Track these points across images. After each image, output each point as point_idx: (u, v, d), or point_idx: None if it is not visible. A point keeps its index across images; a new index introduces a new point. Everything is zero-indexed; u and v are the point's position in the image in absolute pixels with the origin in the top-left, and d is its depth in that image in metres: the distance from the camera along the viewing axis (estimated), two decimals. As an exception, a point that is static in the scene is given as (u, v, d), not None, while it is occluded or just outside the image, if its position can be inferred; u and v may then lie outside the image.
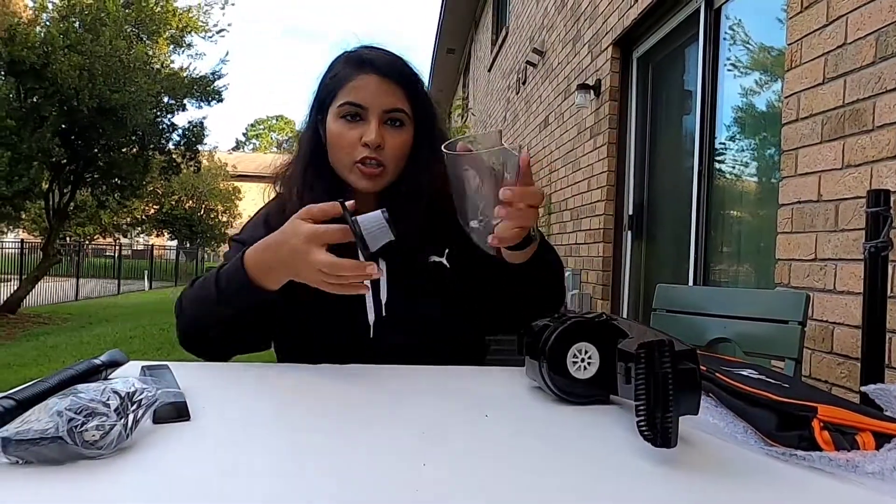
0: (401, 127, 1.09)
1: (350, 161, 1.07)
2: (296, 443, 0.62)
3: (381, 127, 1.06)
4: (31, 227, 18.96)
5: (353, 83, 1.07)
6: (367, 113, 1.06)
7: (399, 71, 1.10)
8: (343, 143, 1.07)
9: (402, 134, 1.08)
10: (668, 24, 3.77)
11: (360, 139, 1.05)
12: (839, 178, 2.01)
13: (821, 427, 0.59)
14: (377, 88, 1.07)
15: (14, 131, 8.06)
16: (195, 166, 12.47)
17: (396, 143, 1.07)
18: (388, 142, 1.06)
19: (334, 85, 1.09)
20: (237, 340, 1.05)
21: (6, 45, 8.48)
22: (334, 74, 1.11)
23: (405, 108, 1.09)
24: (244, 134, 60.17)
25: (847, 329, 1.93)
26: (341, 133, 1.07)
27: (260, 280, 0.94)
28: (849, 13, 2.00)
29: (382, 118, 1.07)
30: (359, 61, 1.09)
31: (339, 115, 1.07)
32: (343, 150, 1.07)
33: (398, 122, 1.08)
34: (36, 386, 0.62)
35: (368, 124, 1.05)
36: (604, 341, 0.77)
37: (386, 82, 1.07)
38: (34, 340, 7.26)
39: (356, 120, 1.07)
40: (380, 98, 1.06)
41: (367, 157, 1.05)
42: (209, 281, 1.00)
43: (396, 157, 1.08)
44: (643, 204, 4.22)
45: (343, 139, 1.06)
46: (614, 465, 0.59)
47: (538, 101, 6.39)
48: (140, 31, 11.02)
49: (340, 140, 1.07)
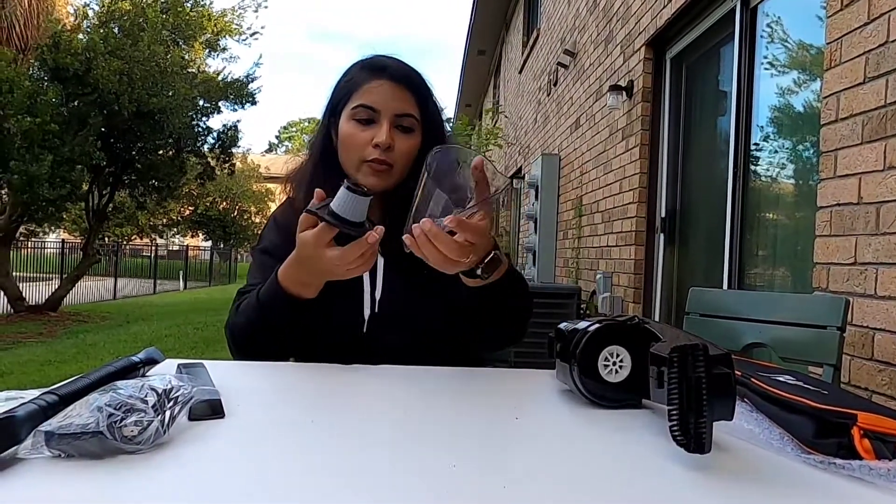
0: (410, 132, 1.12)
1: (359, 160, 1.10)
2: (326, 442, 0.63)
3: (392, 130, 1.10)
4: (71, 227, 19.48)
5: (368, 87, 1.11)
6: (379, 116, 1.10)
7: (412, 79, 1.15)
8: (354, 143, 1.10)
9: (411, 139, 1.12)
10: (702, 23, 3.71)
11: (370, 140, 1.09)
12: (881, 180, 1.95)
13: (861, 435, 0.58)
14: (390, 93, 1.11)
15: (57, 135, 8.30)
16: (230, 169, 12.66)
17: (405, 146, 1.11)
18: (398, 145, 1.10)
19: (349, 88, 1.14)
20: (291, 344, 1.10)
21: (51, 52, 8.74)
22: (350, 79, 1.16)
23: (415, 115, 1.13)
24: (277, 136, 60.96)
25: (889, 335, 1.88)
26: (353, 133, 1.11)
27: (299, 292, 1.00)
28: (891, 11, 1.94)
29: (393, 122, 1.10)
30: (374, 67, 1.14)
31: (351, 117, 1.11)
32: (354, 150, 1.11)
33: (408, 128, 1.12)
34: (77, 382, 0.64)
35: (380, 127, 1.09)
36: (636, 345, 0.76)
37: (399, 88, 1.12)
38: (74, 338, 7.46)
39: (368, 123, 1.10)
40: (392, 102, 1.10)
41: (377, 158, 1.08)
42: (251, 306, 1.06)
43: (404, 160, 1.11)
44: (676, 206, 4.16)
45: (354, 139, 1.10)
46: (646, 470, 0.58)
47: (569, 102, 6.35)
48: (177, 36, 11.26)
49: (352, 140, 1.11)
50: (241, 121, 12.92)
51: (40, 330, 8.31)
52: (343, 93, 1.15)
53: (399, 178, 1.12)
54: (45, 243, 14.70)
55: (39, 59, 8.95)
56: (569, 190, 6.22)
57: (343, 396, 0.82)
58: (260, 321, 1.04)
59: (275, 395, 0.82)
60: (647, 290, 4.33)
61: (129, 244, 21.76)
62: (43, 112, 8.10)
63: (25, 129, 7.81)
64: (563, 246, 6.40)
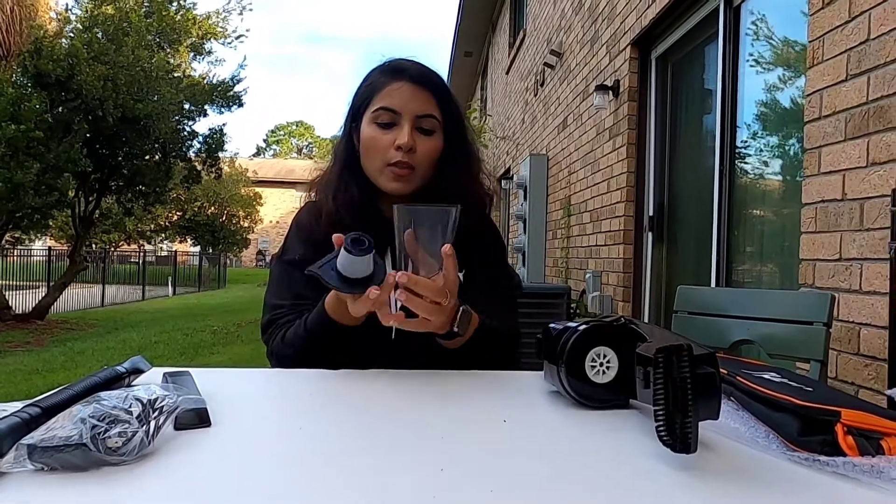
0: (432, 134, 1.12)
1: (382, 164, 1.10)
2: (315, 449, 0.63)
3: (413, 132, 1.10)
4: (58, 234, 19.33)
5: (387, 90, 1.11)
6: (400, 118, 1.10)
7: (431, 80, 1.14)
8: (376, 147, 1.10)
9: (432, 140, 1.12)
10: (686, 23, 3.73)
11: (392, 143, 1.09)
12: (864, 177, 1.97)
13: (844, 432, 0.58)
14: (410, 95, 1.11)
15: (42, 142, 8.23)
16: (216, 173, 12.59)
17: (427, 148, 1.11)
18: (419, 146, 1.10)
19: (369, 92, 1.14)
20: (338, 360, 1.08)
21: (33, 59, 8.66)
22: (369, 83, 1.15)
23: (436, 115, 1.12)
24: (265, 140, 60.78)
25: (874, 330, 1.89)
26: (375, 137, 1.11)
27: (348, 322, 0.99)
28: (871, 9, 1.96)
29: (415, 123, 1.10)
30: (393, 70, 1.14)
31: (373, 121, 1.11)
32: (376, 154, 1.11)
33: (429, 129, 1.12)
34: (61, 393, 0.63)
35: (401, 129, 1.09)
36: (623, 345, 0.77)
37: (419, 89, 1.12)
38: (62, 346, 7.39)
39: (389, 125, 1.10)
40: (412, 104, 1.10)
41: (399, 161, 1.08)
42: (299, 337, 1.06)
43: (426, 161, 1.11)
44: (664, 204, 4.18)
45: (376, 142, 1.10)
46: (633, 471, 0.58)
47: (556, 102, 6.37)
48: (161, 40, 11.18)
49: (374, 143, 1.11)
50: (227, 124, 12.87)
51: (27, 339, 8.23)
52: (363, 97, 1.15)
53: (422, 181, 1.13)
54: (32, 251, 14.56)
55: (21, 65, 8.87)
56: (557, 190, 6.23)
57: (330, 402, 0.82)
58: (310, 351, 1.04)
59: (262, 403, 0.82)
60: (637, 289, 4.35)
61: (116, 250, 21.61)
62: (27, 119, 8.03)
63: (10, 137, 7.74)
64: (553, 246, 6.41)
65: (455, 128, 1.16)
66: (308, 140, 60.63)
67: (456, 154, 1.16)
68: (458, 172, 1.16)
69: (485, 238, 1.26)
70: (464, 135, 1.19)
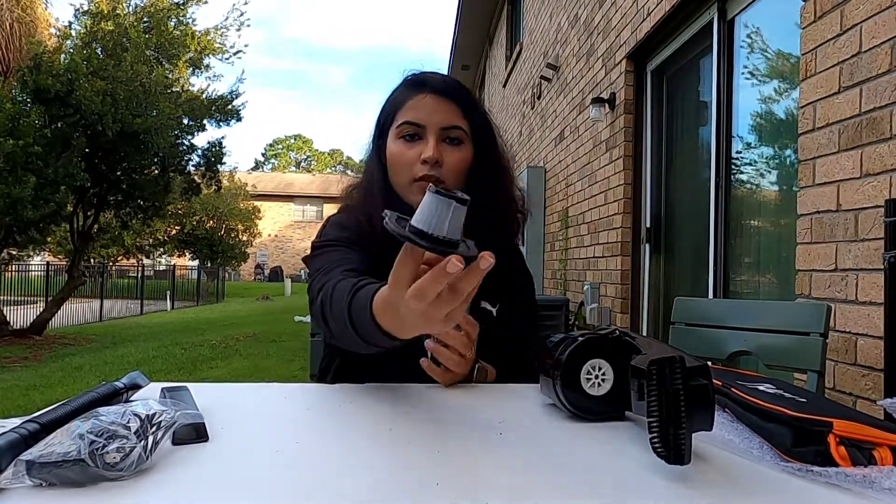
0: (459, 144, 1.09)
1: (409, 179, 1.08)
2: (311, 463, 0.63)
3: (440, 144, 1.07)
4: (56, 249, 19.30)
5: (411, 103, 1.10)
6: (425, 131, 1.08)
7: (455, 90, 1.12)
8: (402, 162, 1.08)
9: (460, 151, 1.09)
10: (681, 36, 3.77)
11: (418, 157, 1.06)
12: (858, 188, 1.99)
13: (837, 442, 0.59)
14: (434, 106, 1.08)
15: (41, 157, 8.24)
16: (215, 186, 12.61)
17: (455, 159, 1.08)
18: (447, 158, 1.07)
19: (393, 108, 1.12)
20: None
21: (32, 74, 8.69)
22: (393, 99, 1.14)
23: (463, 126, 1.10)
24: (263, 154, 60.91)
25: (871, 340, 1.90)
26: (400, 152, 1.09)
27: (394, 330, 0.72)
28: (863, 21, 1.99)
29: (440, 136, 1.08)
30: (416, 83, 1.12)
31: (398, 136, 1.10)
32: (402, 169, 1.08)
33: (456, 140, 1.09)
34: (59, 409, 0.64)
35: (426, 142, 1.07)
36: (618, 357, 0.77)
37: (443, 100, 1.09)
38: (60, 361, 7.36)
39: (415, 139, 1.08)
40: (437, 115, 1.08)
41: (427, 175, 1.06)
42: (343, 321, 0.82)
43: (455, 173, 1.08)
44: (661, 216, 4.19)
45: (402, 158, 1.08)
46: (628, 482, 0.58)
47: (553, 115, 6.40)
48: (160, 55, 11.23)
49: (400, 159, 1.08)
50: (226, 137, 12.89)
51: (25, 354, 8.19)
52: (388, 113, 1.13)
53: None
54: (30, 266, 14.54)
55: (21, 80, 8.90)
56: (555, 202, 6.25)
57: (327, 416, 0.82)
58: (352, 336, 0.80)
59: (259, 417, 0.82)
60: (635, 300, 4.36)
61: (115, 265, 21.58)
62: (26, 134, 8.05)
63: (8, 152, 7.75)
64: (551, 258, 6.42)
65: (484, 138, 1.13)
66: (306, 153, 60.78)
67: (486, 166, 1.12)
68: (490, 187, 1.12)
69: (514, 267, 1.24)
70: (494, 145, 1.16)
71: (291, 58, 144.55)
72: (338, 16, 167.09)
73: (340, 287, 0.86)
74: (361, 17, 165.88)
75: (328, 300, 0.89)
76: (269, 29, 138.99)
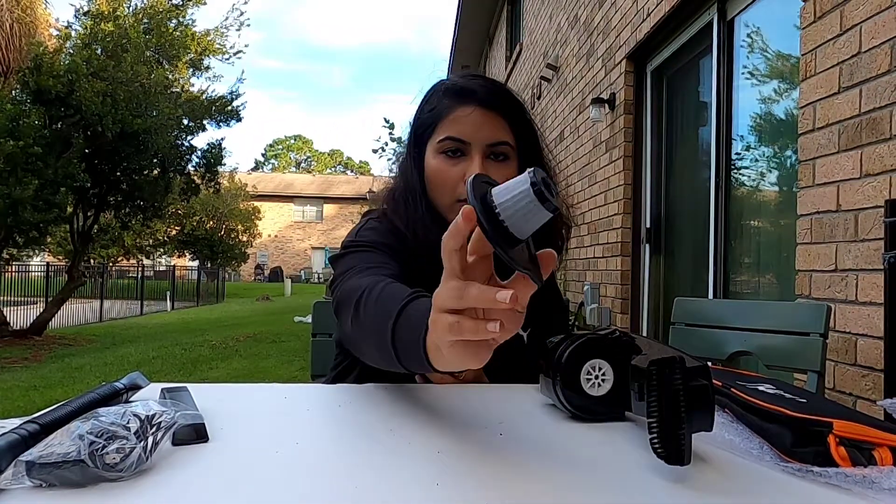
0: (505, 161, 1.02)
1: (451, 199, 1.01)
2: (310, 464, 0.63)
3: (485, 162, 0.99)
4: (56, 250, 19.30)
5: (454, 116, 1.01)
6: (470, 148, 1.00)
7: (503, 101, 1.03)
8: (445, 181, 1.01)
9: (506, 168, 1.01)
10: (681, 36, 3.77)
11: (462, 176, 0.99)
12: (858, 188, 1.99)
13: (837, 443, 0.59)
14: (480, 121, 1.00)
15: (41, 158, 8.24)
16: (215, 187, 12.62)
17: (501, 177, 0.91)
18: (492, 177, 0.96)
19: (433, 118, 1.04)
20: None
21: (32, 75, 8.70)
22: (433, 107, 1.05)
23: (510, 141, 1.02)
24: (263, 154, 60.96)
25: (871, 340, 1.90)
26: (443, 170, 1.01)
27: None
28: (862, 22, 1.99)
29: (486, 153, 1.00)
30: (459, 92, 1.03)
31: (439, 151, 1.02)
32: (445, 188, 1.01)
33: (502, 156, 1.01)
34: (59, 410, 0.63)
35: (471, 160, 0.99)
36: (618, 358, 0.77)
37: (489, 114, 1.01)
38: (60, 362, 7.36)
39: (457, 155, 1.01)
40: (483, 131, 1.00)
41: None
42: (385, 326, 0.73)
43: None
44: (661, 217, 4.20)
45: (445, 176, 1.01)
46: (628, 483, 0.58)
47: (553, 115, 6.40)
48: (160, 56, 11.24)
49: (442, 177, 1.01)
50: (226, 138, 12.88)
51: (25, 355, 8.19)
52: (427, 124, 1.04)
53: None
54: (30, 267, 14.54)
55: (21, 81, 8.91)
56: (555, 202, 6.25)
57: (327, 416, 0.82)
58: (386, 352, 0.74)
59: (259, 418, 0.82)
60: (635, 301, 4.36)
61: (114, 265, 21.58)
62: (26, 135, 8.05)
63: (8, 153, 7.76)
64: (551, 258, 6.42)
65: (531, 151, 1.05)
66: (306, 154, 60.82)
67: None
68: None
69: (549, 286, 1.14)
70: (540, 157, 1.08)
71: (291, 58, 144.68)
72: (338, 16, 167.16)
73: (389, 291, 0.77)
74: (361, 17, 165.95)
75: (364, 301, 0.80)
76: (269, 29, 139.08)
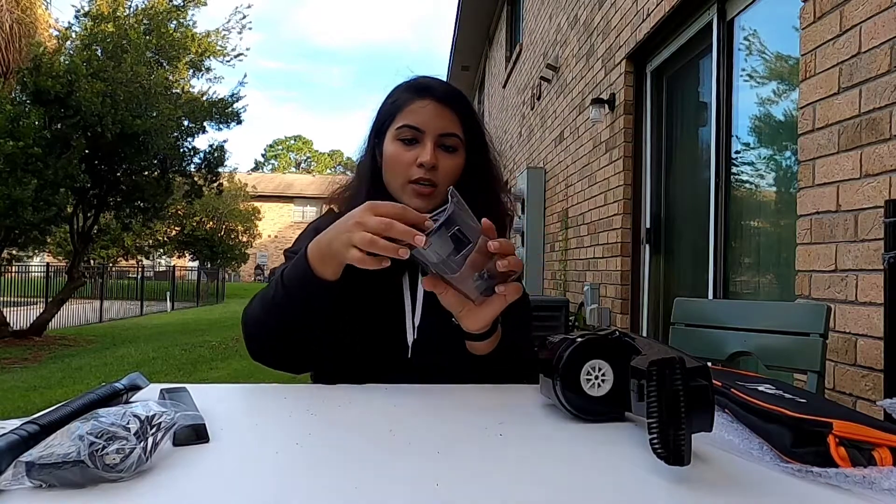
0: (454, 152, 1.13)
1: (404, 180, 1.11)
2: (312, 464, 0.63)
3: (436, 150, 1.11)
4: (56, 250, 19.32)
5: (412, 107, 1.13)
6: (423, 136, 1.11)
7: (455, 99, 1.16)
8: (399, 164, 1.11)
9: (454, 158, 1.13)
10: (680, 37, 3.77)
11: (415, 160, 1.10)
12: (858, 188, 1.99)
13: (836, 443, 0.59)
14: (434, 113, 1.12)
15: (40, 158, 8.24)
16: (217, 189, 12.62)
17: (449, 165, 1.12)
18: (442, 164, 1.11)
19: (393, 110, 1.15)
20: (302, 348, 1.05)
21: (32, 76, 8.70)
22: (394, 100, 1.17)
23: (459, 134, 1.14)
24: (263, 155, 60.97)
25: (870, 340, 1.90)
26: (398, 154, 1.12)
27: (317, 266, 0.95)
28: (862, 22, 1.99)
29: (437, 142, 1.11)
30: (418, 88, 1.15)
31: (396, 138, 1.13)
32: (398, 171, 1.12)
33: (451, 148, 1.13)
34: (59, 410, 0.63)
35: (424, 147, 1.10)
36: (618, 358, 0.77)
37: (443, 108, 1.13)
38: (59, 362, 7.37)
39: (412, 143, 1.12)
40: (436, 122, 1.12)
41: (422, 178, 1.09)
42: (274, 280, 1.02)
43: (448, 179, 1.12)
44: (660, 217, 4.20)
45: (399, 159, 1.11)
46: (628, 483, 0.58)
47: (553, 116, 6.41)
48: (160, 57, 11.23)
49: (397, 160, 1.12)
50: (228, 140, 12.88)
51: (25, 355, 8.20)
52: (388, 114, 1.16)
53: (443, 198, 1.10)
54: (30, 267, 14.54)
55: (21, 82, 8.91)
56: (555, 203, 6.25)
57: (327, 417, 0.82)
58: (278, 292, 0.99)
59: (259, 418, 0.82)
60: (635, 301, 4.36)
61: (114, 266, 21.58)
62: (26, 135, 8.05)
63: (8, 153, 7.76)
64: (551, 259, 6.42)
65: (477, 146, 1.18)
66: (306, 154, 60.84)
67: (477, 172, 1.17)
68: (479, 191, 1.16)
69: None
70: (486, 154, 1.21)
71: (291, 59, 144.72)
72: (337, 17, 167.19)
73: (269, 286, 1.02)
74: (361, 18, 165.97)
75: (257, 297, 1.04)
76: (269, 30, 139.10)
